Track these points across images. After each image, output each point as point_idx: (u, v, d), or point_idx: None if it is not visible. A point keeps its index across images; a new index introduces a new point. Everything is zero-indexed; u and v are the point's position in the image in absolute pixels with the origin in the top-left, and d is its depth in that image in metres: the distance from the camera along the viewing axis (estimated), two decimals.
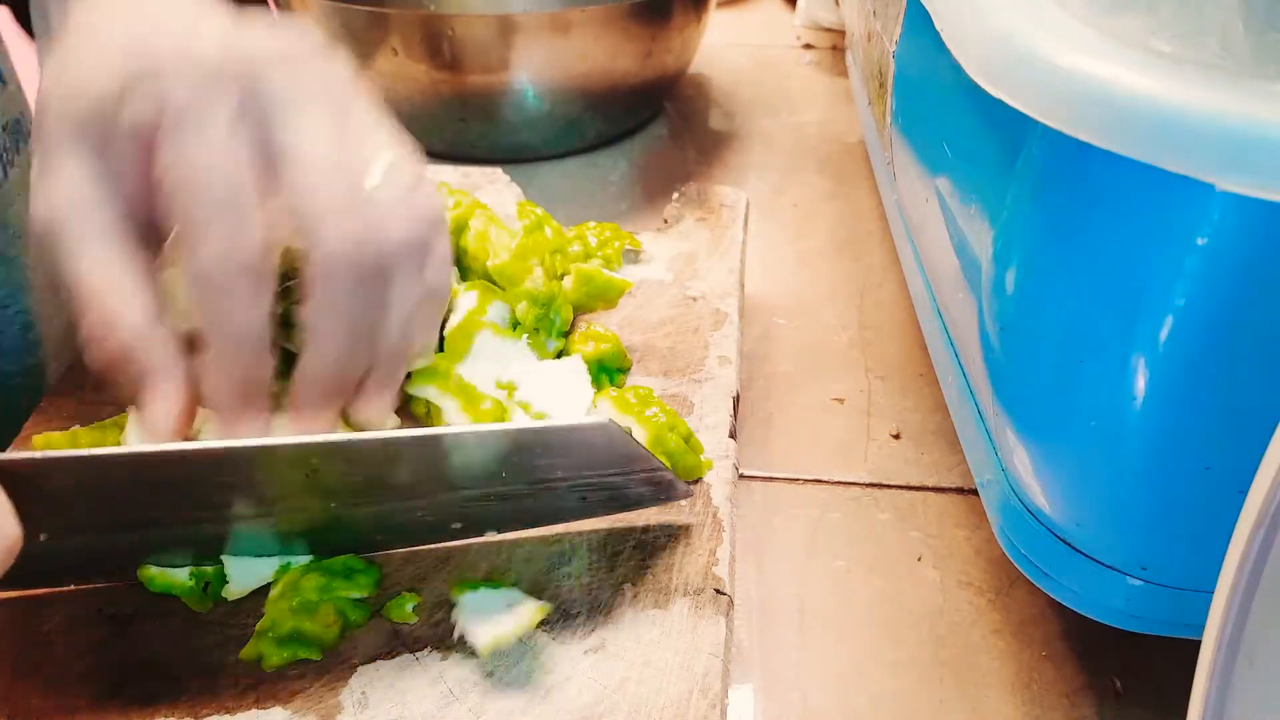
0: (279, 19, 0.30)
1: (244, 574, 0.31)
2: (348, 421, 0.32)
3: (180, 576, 0.31)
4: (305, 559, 0.32)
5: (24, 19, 0.33)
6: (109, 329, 0.28)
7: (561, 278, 0.42)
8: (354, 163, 0.28)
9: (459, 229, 0.41)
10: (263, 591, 0.31)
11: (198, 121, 0.26)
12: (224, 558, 0.31)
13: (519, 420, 0.36)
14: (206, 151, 0.26)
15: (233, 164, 0.27)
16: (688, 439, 0.35)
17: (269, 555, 0.31)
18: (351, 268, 0.28)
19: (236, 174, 0.27)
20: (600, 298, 0.42)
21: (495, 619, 0.29)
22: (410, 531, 0.32)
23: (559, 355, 0.40)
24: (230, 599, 0.31)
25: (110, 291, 0.28)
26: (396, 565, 0.32)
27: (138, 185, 0.28)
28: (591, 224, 0.46)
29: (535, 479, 0.30)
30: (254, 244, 0.27)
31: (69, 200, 0.27)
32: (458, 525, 0.32)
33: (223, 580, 0.31)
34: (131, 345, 0.28)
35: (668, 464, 0.33)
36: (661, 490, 0.33)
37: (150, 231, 0.29)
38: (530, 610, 0.29)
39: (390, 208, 0.29)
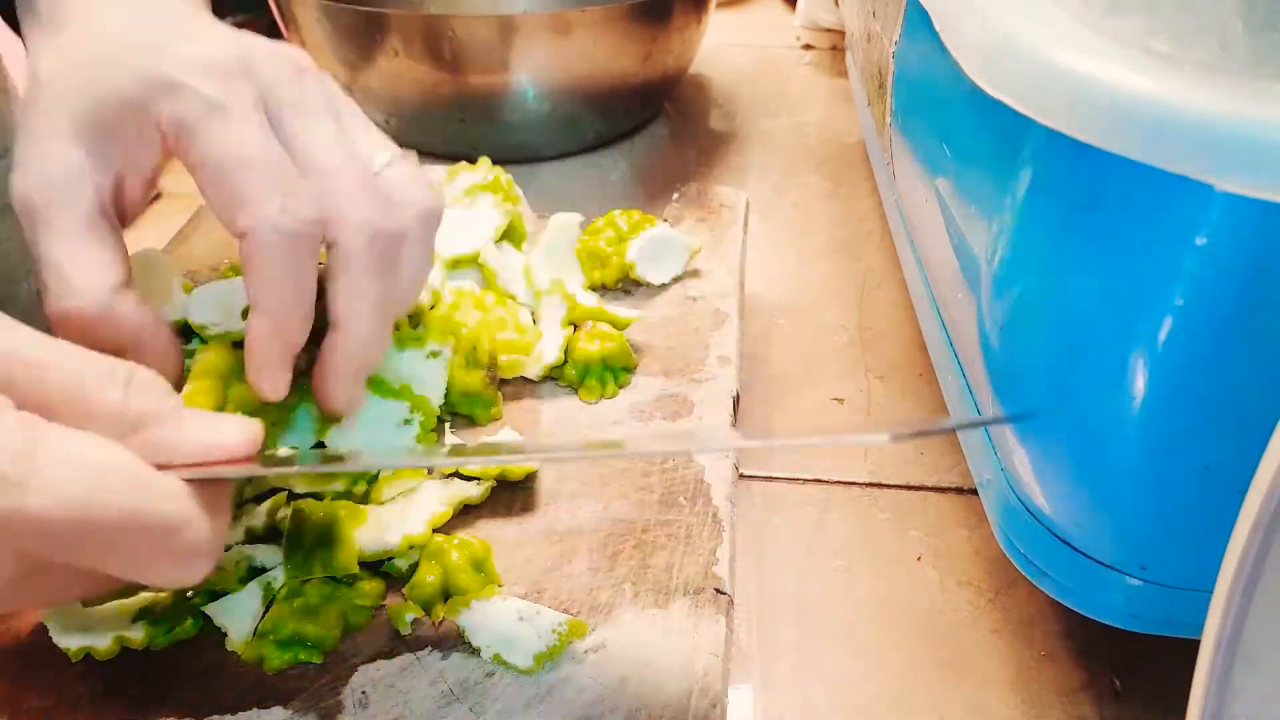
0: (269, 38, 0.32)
1: (238, 621, 0.30)
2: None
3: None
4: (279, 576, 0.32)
5: (5, 8, 0.34)
6: (68, 299, 0.28)
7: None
8: (360, 155, 0.31)
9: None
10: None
11: (233, 112, 0.28)
12: (211, 610, 0.30)
13: None
14: (250, 132, 0.28)
15: (270, 143, 0.29)
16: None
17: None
18: (377, 241, 0.30)
19: (277, 153, 0.29)
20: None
21: (520, 634, 0.29)
22: None
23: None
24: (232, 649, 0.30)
25: (75, 265, 0.28)
26: (403, 575, 0.32)
27: (141, 177, 0.30)
28: (618, 210, 0.46)
29: None
30: (307, 211, 0.28)
31: (53, 180, 0.29)
32: None
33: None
34: (96, 316, 0.29)
35: None
36: None
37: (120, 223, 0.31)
38: (546, 615, 0.30)
39: (402, 183, 0.31)
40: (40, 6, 0.32)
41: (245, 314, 0.40)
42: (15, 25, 0.34)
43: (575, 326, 0.41)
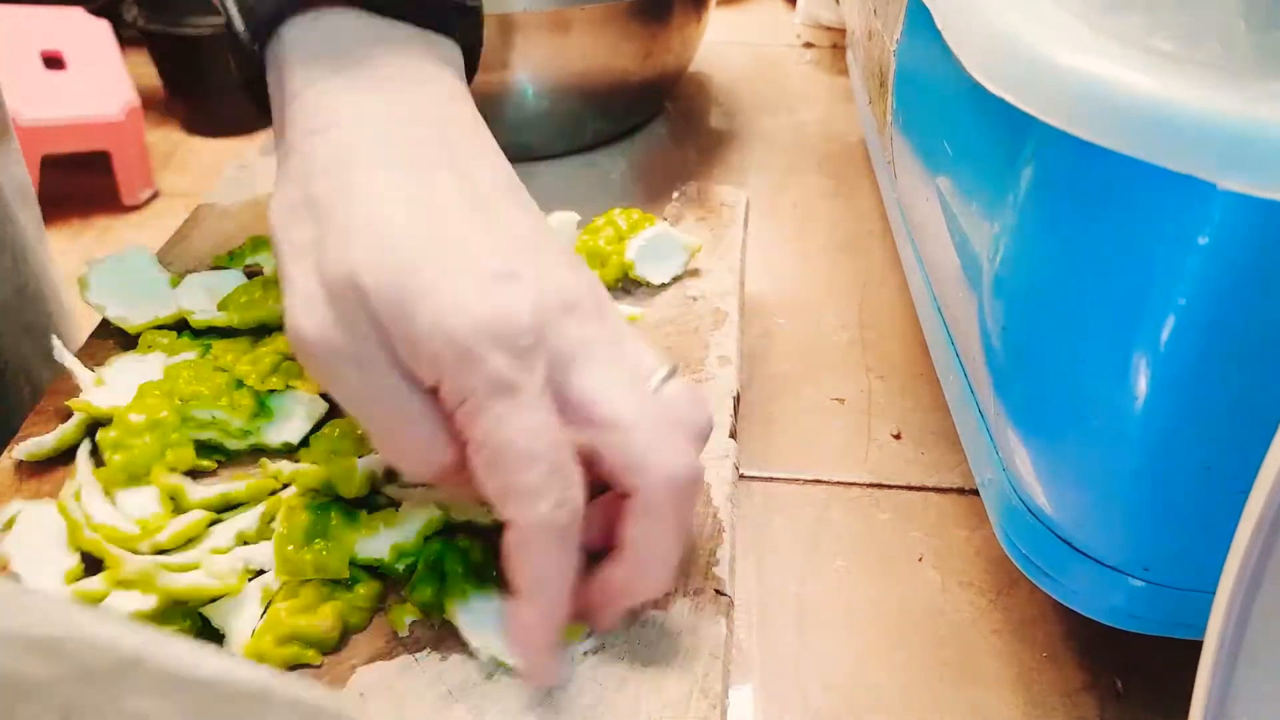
0: (566, 262, 0.30)
1: (237, 623, 0.30)
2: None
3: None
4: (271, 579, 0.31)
5: (253, 82, 0.33)
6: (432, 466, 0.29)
7: None
8: (647, 393, 0.29)
9: None
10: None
11: (518, 395, 0.27)
12: (209, 612, 0.30)
13: None
14: (532, 420, 0.27)
15: (554, 432, 0.27)
16: None
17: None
18: (678, 487, 0.28)
19: (559, 441, 0.27)
20: None
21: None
22: None
23: None
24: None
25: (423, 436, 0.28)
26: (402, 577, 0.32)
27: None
28: (618, 209, 0.46)
29: None
30: (577, 507, 0.27)
31: (361, 342, 0.27)
32: None
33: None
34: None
35: None
36: None
37: None
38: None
39: (677, 400, 0.30)
40: (293, 98, 0.30)
41: (223, 303, 0.40)
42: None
43: None
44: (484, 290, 0.27)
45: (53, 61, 2.02)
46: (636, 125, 0.69)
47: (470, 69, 0.34)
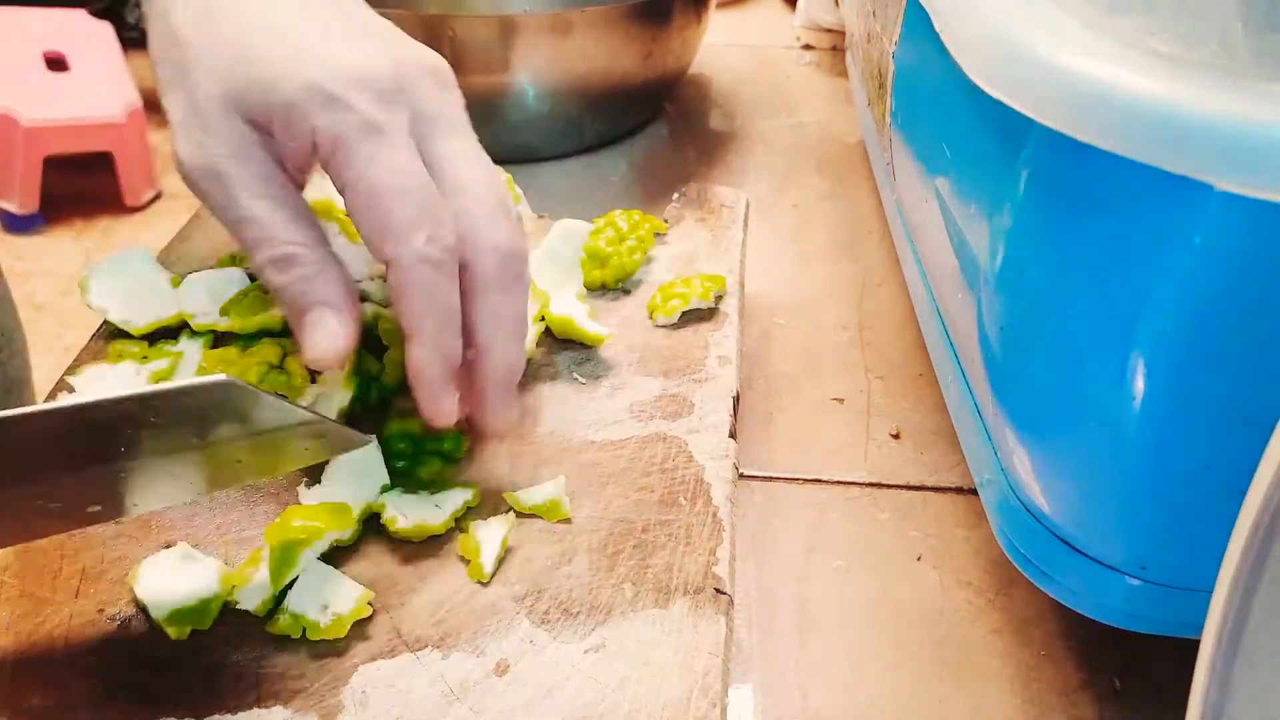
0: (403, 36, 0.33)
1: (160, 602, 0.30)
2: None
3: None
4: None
5: None
6: (283, 254, 0.30)
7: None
8: (493, 174, 0.32)
9: None
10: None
11: (388, 136, 0.29)
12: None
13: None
14: (400, 159, 0.29)
15: (422, 173, 0.30)
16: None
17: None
18: (510, 261, 0.31)
19: (427, 182, 0.30)
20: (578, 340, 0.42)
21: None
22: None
23: None
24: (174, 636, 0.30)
25: (280, 222, 0.30)
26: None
27: (285, 161, 0.31)
28: (618, 210, 0.46)
29: (168, 448, 0.29)
30: (452, 236, 0.30)
31: (238, 149, 0.30)
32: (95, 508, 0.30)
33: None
34: (306, 268, 0.31)
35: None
36: (335, 441, 0.31)
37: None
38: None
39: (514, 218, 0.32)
40: None
41: (224, 309, 0.40)
42: None
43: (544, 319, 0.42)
44: (344, 47, 0.30)
45: (55, 63, 2.02)
46: (637, 126, 0.69)
47: None
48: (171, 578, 0.31)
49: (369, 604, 0.31)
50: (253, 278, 0.43)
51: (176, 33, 0.31)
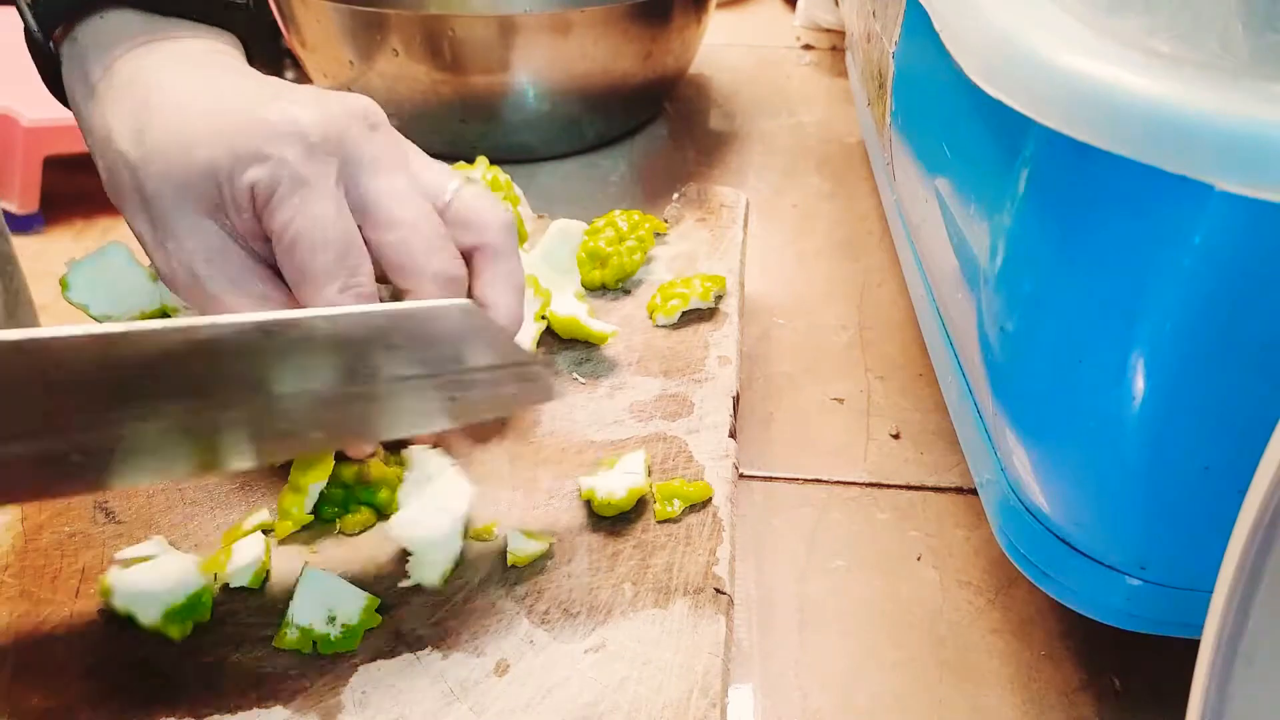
0: (332, 91, 0.34)
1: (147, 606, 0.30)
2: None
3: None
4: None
5: (53, 78, 0.36)
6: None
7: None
8: (431, 193, 0.34)
9: None
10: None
11: (311, 185, 0.31)
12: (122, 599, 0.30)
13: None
14: (322, 209, 0.31)
15: (345, 223, 0.31)
16: None
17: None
18: (449, 288, 0.32)
19: (349, 227, 0.31)
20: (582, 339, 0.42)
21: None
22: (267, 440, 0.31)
23: None
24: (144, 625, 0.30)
25: (246, 307, 0.32)
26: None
27: (250, 240, 0.32)
28: (618, 210, 0.46)
29: (393, 374, 0.29)
30: (363, 293, 0.32)
31: (205, 253, 0.32)
32: (318, 434, 0.31)
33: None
34: None
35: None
36: (537, 389, 0.32)
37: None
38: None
39: (474, 205, 0.34)
40: (98, 82, 0.34)
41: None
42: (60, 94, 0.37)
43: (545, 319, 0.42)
44: (272, 110, 0.31)
45: None
46: (637, 126, 0.69)
47: (250, 57, 0.38)
48: (148, 581, 0.30)
49: (378, 613, 0.31)
50: None
51: (125, 157, 0.32)
